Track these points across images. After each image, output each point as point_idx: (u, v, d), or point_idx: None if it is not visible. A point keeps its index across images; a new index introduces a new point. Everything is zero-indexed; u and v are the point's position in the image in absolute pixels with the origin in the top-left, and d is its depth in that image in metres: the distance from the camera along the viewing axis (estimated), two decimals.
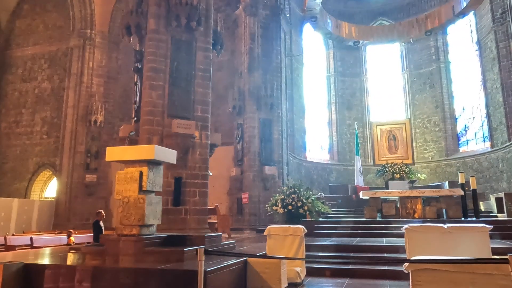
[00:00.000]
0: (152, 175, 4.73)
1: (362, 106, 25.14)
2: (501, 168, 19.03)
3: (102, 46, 19.98)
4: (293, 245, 5.18)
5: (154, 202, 4.67)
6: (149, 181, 4.64)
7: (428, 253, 5.20)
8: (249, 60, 16.55)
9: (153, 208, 4.60)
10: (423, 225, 5.27)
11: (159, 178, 4.85)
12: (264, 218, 15.40)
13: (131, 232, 4.45)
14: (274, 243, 5.28)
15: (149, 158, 4.53)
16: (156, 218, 4.66)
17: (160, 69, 9.14)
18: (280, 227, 5.40)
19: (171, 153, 4.95)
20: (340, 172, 23.97)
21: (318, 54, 25.26)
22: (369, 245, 6.71)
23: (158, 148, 4.64)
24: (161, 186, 4.90)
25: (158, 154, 4.57)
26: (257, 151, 15.83)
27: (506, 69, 18.70)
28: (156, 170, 4.83)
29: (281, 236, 5.27)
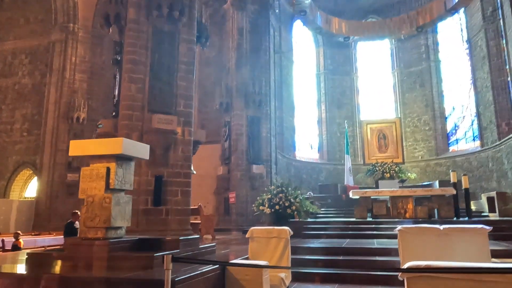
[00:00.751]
0: (122, 171, 4.25)
1: (352, 105, 24.88)
2: (491, 168, 18.91)
3: (85, 40, 19.32)
4: (277, 248, 4.75)
5: (123, 201, 4.20)
6: (118, 179, 4.17)
7: (423, 256, 4.82)
8: (237, 56, 16.10)
9: (122, 209, 4.13)
10: (417, 226, 4.89)
11: (129, 176, 4.38)
12: (252, 219, 14.95)
13: (96, 235, 3.98)
14: (257, 246, 4.85)
15: (116, 152, 4.06)
16: (124, 220, 4.19)
17: (140, 61, 8.64)
18: (264, 229, 4.97)
19: (143, 148, 4.48)
20: (330, 172, 23.67)
21: (308, 51, 24.91)
22: (359, 248, 6.32)
23: (127, 142, 4.17)
24: (131, 184, 4.43)
25: (127, 148, 4.10)
26: (245, 150, 15.40)
27: (496, 67, 18.56)
28: (127, 166, 4.35)
29: (265, 238, 4.84)
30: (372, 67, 25.44)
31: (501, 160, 17.87)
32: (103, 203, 3.98)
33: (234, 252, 5.66)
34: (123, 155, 4.15)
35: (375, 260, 5.65)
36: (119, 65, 9.05)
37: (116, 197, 4.04)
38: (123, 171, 4.24)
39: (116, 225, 4.02)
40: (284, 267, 4.23)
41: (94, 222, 3.97)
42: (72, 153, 4.26)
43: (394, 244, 6.77)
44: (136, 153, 4.26)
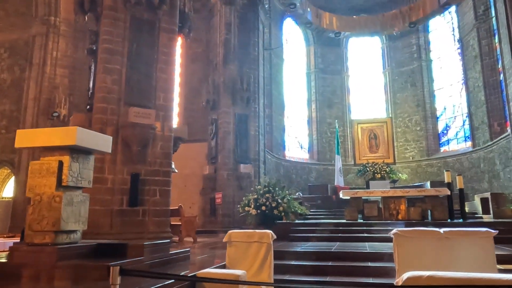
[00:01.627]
0: (77, 166, 3.67)
1: (343, 104, 24.47)
2: (482, 168, 18.63)
3: (67, 34, 18.56)
4: (258, 254, 4.21)
5: (77, 201, 3.61)
6: (72, 174, 3.58)
7: (422, 263, 4.32)
8: (224, 51, 15.54)
9: (76, 209, 3.54)
10: (415, 229, 4.38)
11: (88, 171, 3.79)
12: (239, 220, 14.36)
13: (43, 240, 3.39)
14: (235, 252, 4.29)
15: (70, 143, 3.47)
16: (79, 222, 3.60)
17: (117, 50, 8.03)
18: (244, 232, 4.41)
19: (104, 140, 3.90)
20: (320, 172, 23.24)
21: (298, 50, 24.46)
22: (350, 252, 5.81)
23: (84, 132, 3.59)
24: (91, 182, 3.85)
25: (83, 139, 3.51)
26: (232, 148, 14.83)
27: (489, 67, 18.30)
28: (84, 160, 3.77)
29: (245, 243, 4.29)
30: (363, 67, 25.09)
31: (493, 160, 17.60)
32: (52, 202, 3.39)
33: (212, 258, 5.10)
34: (79, 147, 3.56)
35: (367, 266, 5.14)
36: (94, 55, 8.43)
37: (69, 195, 3.45)
38: (79, 165, 3.65)
39: (68, 228, 3.44)
40: (264, 284, 3.68)
41: (42, 225, 3.38)
42: (18, 145, 3.67)
43: (387, 248, 6.27)
44: (95, 145, 3.68)
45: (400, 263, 4.30)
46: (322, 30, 18.65)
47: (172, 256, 4.22)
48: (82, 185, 3.73)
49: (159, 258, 3.91)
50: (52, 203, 3.40)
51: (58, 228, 3.37)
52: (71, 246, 3.48)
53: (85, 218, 3.67)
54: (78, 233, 3.66)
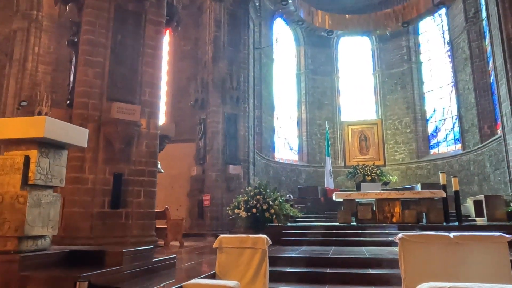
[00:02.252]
0: (47, 162, 3.21)
1: (333, 106, 24.25)
2: (472, 171, 18.56)
3: (50, 30, 17.87)
4: (252, 261, 3.79)
5: (46, 202, 3.14)
6: (41, 171, 3.12)
7: (430, 270, 3.96)
8: (214, 49, 15.10)
9: (44, 211, 3.08)
10: (423, 234, 4.03)
11: (60, 168, 3.33)
12: (227, 223, 13.90)
13: (4, 247, 2.92)
14: (226, 259, 3.87)
15: (37, 135, 3.01)
16: (48, 226, 3.14)
17: (100, 42, 7.55)
18: (236, 237, 3.99)
19: (79, 132, 3.44)
20: (310, 174, 22.95)
21: (288, 50, 24.17)
22: (348, 258, 5.44)
23: (54, 123, 3.13)
24: (63, 180, 3.39)
25: (53, 130, 3.06)
26: (221, 149, 14.38)
27: (479, 69, 18.27)
28: (56, 156, 3.31)
29: (237, 249, 3.87)
30: (353, 68, 24.94)
31: (483, 163, 17.53)
32: (16, 203, 2.93)
33: (200, 265, 4.66)
34: (49, 140, 3.10)
35: (367, 273, 4.78)
36: (75, 47, 7.93)
37: (35, 195, 2.99)
38: (49, 161, 3.20)
39: (34, 233, 2.97)
40: None
41: (3, 230, 2.91)
42: None
43: (386, 253, 5.94)
44: (69, 139, 3.22)
45: (407, 270, 3.94)
46: (315, 28, 18.34)
47: (156, 264, 3.78)
48: (53, 183, 3.27)
49: (141, 266, 3.47)
50: (15, 204, 2.94)
51: (22, 233, 2.91)
52: (37, 254, 3.01)
53: (55, 222, 3.21)
54: (46, 239, 3.20)
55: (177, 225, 8.31)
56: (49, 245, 3.23)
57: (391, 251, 6.23)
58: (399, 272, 4.73)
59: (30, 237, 3.01)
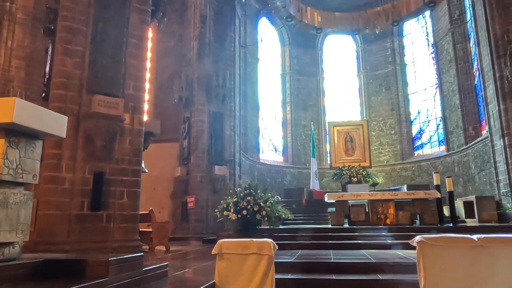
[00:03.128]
0: (17, 154, 2.66)
1: (318, 107, 24.04)
2: (457, 172, 18.60)
3: (25, 23, 16.85)
4: (257, 269, 3.33)
5: (15, 201, 2.60)
6: (9, 165, 2.58)
7: (454, 277, 3.60)
8: (199, 45, 14.57)
9: (12, 213, 2.54)
10: (444, 236, 3.66)
11: (32, 162, 2.79)
12: (213, 226, 13.40)
13: None
14: (227, 267, 3.39)
15: (5, 121, 2.47)
16: (17, 231, 2.59)
17: (79, 29, 6.94)
18: (238, 242, 3.52)
19: (56, 119, 2.91)
20: (295, 176, 22.63)
21: (273, 50, 23.86)
22: (353, 263, 5.04)
23: (26, 106, 2.59)
24: (37, 176, 2.85)
25: (24, 115, 2.52)
26: (206, 149, 13.84)
27: (464, 71, 18.38)
28: (27, 147, 2.77)
29: (239, 256, 3.41)
30: (338, 69, 24.86)
31: (468, 164, 17.58)
32: None
33: (196, 274, 4.14)
34: (19, 127, 2.56)
35: (377, 279, 4.38)
36: (52, 36, 7.29)
37: (2, 194, 2.45)
38: (19, 153, 2.65)
39: (0, 240, 2.42)
40: None
41: None
42: None
43: (391, 257, 5.56)
44: (43, 126, 2.69)
45: (427, 277, 3.56)
46: (303, 26, 17.99)
47: (146, 273, 3.27)
48: (24, 180, 2.73)
49: (129, 277, 2.95)
50: None
51: None
52: (4, 265, 2.47)
53: (26, 226, 2.67)
54: (15, 246, 2.65)
55: (162, 228, 7.75)
56: (18, 254, 2.68)
57: (395, 254, 5.89)
58: (411, 278, 4.36)
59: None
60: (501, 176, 13.27)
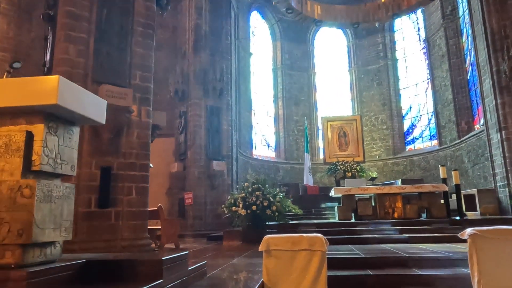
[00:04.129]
0: (56, 142, 2.34)
1: (310, 102, 23.93)
2: (449, 166, 18.71)
3: (9, 13, 16.07)
4: (309, 267, 3.10)
5: (58, 195, 2.28)
6: (49, 154, 2.25)
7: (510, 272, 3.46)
8: (195, 37, 14.18)
9: (56, 208, 2.22)
10: (498, 228, 3.50)
11: (70, 151, 2.47)
12: (211, 222, 13.13)
13: (3, 259, 2.04)
14: (276, 265, 3.14)
15: (47, 102, 2.15)
16: (60, 229, 2.28)
17: (83, 16, 6.53)
18: (287, 238, 3.27)
19: (97, 103, 2.60)
20: (287, 171, 22.47)
21: (264, 45, 23.61)
22: (385, 257, 4.86)
23: (69, 85, 2.27)
24: (74, 167, 2.52)
25: (67, 96, 2.20)
26: (204, 144, 13.51)
27: (456, 66, 18.53)
28: (66, 134, 2.44)
29: (289, 252, 3.16)
30: (329, 64, 24.82)
31: (461, 158, 17.75)
32: (18, 197, 2.05)
33: (238, 272, 3.86)
34: (60, 111, 2.23)
35: (417, 274, 4.20)
36: (52, 22, 6.84)
37: (46, 186, 2.13)
38: (58, 141, 2.32)
39: (45, 239, 2.11)
40: None
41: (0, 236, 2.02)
42: None
43: (419, 251, 5.41)
44: (85, 110, 2.37)
45: (482, 271, 3.39)
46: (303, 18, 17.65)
47: (191, 273, 2.99)
48: (63, 171, 2.41)
49: (178, 278, 2.67)
50: (17, 198, 2.07)
51: (28, 239, 2.04)
52: (47, 267, 2.15)
53: (69, 222, 2.35)
54: (57, 246, 2.33)
55: (172, 225, 7.43)
56: (59, 254, 2.37)
57: (418, 248, 5.74)
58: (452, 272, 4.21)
59: (38, 245, 2.15)
60: (497, 169, 13.41)
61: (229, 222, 8.79)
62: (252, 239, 7.89)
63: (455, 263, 4.64)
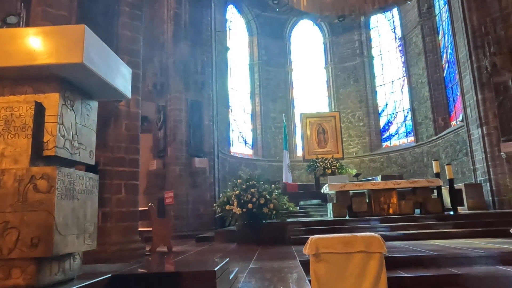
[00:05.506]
0: (73, 119, 1.73)
1: (287, 99, 23.64)
2: (425, 162, 19.04)
3: None
4: (366, 271, 2.64)
5: (82, 190, 1.69)
6: (64, 134, 1.64)
7: None
8: (174, 28, 13.43)
9: (79, 208, 1.62)
10: None
11: (89, 132, 1.87)
12: (193, 222, 12.47)
13: (9, 279, 1.43)
14: (328, 271, 2.66)
15: (70, 61, 1.55)
16: (85, 235, 1.68)
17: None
18: (338, 238, 2.79)
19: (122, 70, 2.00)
20: (265, 169, 22.00)
21: (241, 40, 23.10)
22: (408, 257, 4.48)
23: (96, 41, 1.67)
24: (93, 152, 1.94)
25: (94, 55, 1.60)
26: (185, 140, 12.80)
27: (433, 63, 18.80)
28: (83, 108, 1.84)
29: (341, 255, 2.68)
30: (306, 61, 24.64)
31: (438, 154, 18.00)
32: (30, 191, 1.44)
33: (259, 278, 3.31)
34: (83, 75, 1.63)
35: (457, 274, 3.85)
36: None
37: (67, 176, 1.53)
38: (75, 118, 1.72)
39: (67, 250, 1.51)
40: None
41: (5, 246, 1.40)
42: None
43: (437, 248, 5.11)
44: (111, 77, 1.77)
45: None
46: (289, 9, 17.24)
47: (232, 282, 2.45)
48: (81, 158, 1.82)
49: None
50: (29, 193, 1.47)
51: (47, 251, 1.43)
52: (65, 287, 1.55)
53: (94, 226, 1.75)
54: (76, 257, 1.73)
55: (164, 226, 6.77)
56: (79, 269, 1.76)
57: (435, 245, 5.44)
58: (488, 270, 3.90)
59: (56, 258, 1.55)
60: (478, 164, 13.60)
61: (202, 222, 8.21)
62: (248, 239, 7.39)
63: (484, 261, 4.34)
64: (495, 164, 12.52)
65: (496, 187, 12.29)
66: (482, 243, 5.42)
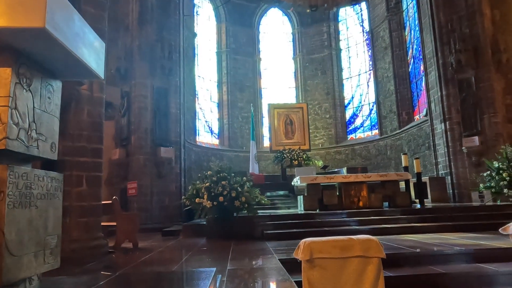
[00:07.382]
0: (29, 102, 1.34)
1: (254, 89, 23.37)
2: (389, 155, 19.52)
3: None
4: (363, 278, 2.44)
5: (42, 194, 1.30)
6: (19, 121, 1.25)
7: None
8: (140, 9, 12.69)
9: (38, 217, 1.24)
10: None
11: (50, 119, 1.47)
12: (158, 215, 11.98)
13: None
14: (322, 277, 2.42)
15: (30, 25, 1.16)
16: (45, 252, 1.31)
17: None
18: (333, 242, 2.55)
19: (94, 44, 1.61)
20: (232, 159, 21.71)
21: (209, 26, 22.47)
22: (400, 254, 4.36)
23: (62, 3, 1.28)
24: (55, 145, 1.54)
25: (60, 21, 1.22)
26: (150, 128, 12.22)
27: (399, 58, 19.17)
28: (43, 90, 1.44)
29: (337, 260, 2.45)
30: (274, 51, 24.43)
31: (401, 147, 18.47)
32: None
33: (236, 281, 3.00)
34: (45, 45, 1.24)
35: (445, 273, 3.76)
36: None
37: (22, 178, 1.14)
38: (32, 102, 1.33)
39: (22, 274, 1.13)
40: None
41: None
42: None
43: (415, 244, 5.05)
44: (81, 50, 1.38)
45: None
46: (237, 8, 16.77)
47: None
48: (40, 151, 1.43)
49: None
50: None
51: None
52: None
53: (57, 239, 1.38)
54: (34, 280, 1.35)
55: (130, 221, 6.30)
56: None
57: (409, 240, 5.40)
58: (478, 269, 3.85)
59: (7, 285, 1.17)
60: (440, 158, 14.05)
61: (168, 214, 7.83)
62: (219, 234, 7.09)
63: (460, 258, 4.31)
64: (456, 158, 12.96)
65: (457, 180, 12.74)
66: (456, 238, 5.45)
